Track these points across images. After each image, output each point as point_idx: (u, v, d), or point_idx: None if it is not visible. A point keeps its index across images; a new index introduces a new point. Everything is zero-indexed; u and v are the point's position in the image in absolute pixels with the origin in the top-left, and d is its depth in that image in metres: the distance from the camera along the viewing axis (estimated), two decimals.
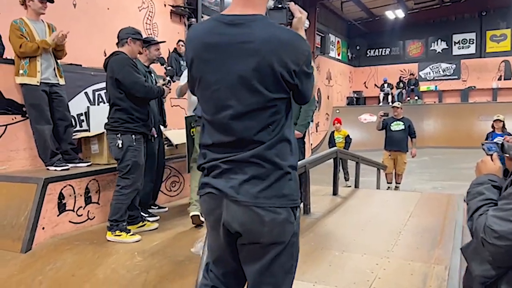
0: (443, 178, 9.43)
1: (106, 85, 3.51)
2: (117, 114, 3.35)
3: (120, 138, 3.32)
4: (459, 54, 18.95)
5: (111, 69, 3.34)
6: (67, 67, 4.44)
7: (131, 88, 3.32)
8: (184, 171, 5.01)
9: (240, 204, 1.42)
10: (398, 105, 7.01)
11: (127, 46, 3.46)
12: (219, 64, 1.43)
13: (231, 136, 1.44)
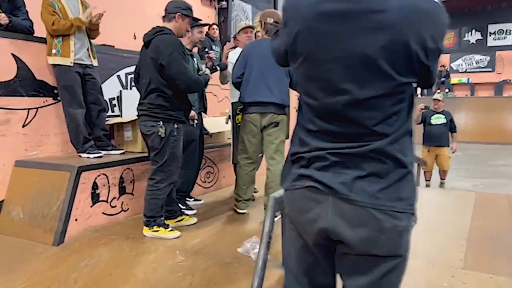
0: (481, 175, 8.93)
1: (140, 64, 3.17)
2: (159, 100, 3.00)
3: (162, 126, 2.99)
4: (494, 45, 18.14)
5: (156, 51, 2.96)
6: (99, 48, 4.17)
7: (176, 78, 2.95)
8: (218, 161, 4.74)
9: (353, 204, 1.13)
10: (439, 97, 6.56)
11: (174, 22, 3.09)
12: (337, 38, 1.11)
13: (345, 125, 1.15)
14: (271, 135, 3.67)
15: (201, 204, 4.08)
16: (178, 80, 2.96)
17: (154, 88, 3.01)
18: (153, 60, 2.97)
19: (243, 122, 3.68)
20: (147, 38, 3.06)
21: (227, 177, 4.87)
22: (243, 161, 3.71)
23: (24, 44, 3.58)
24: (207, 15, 8.25)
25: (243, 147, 3.71)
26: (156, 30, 3.05)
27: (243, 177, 3.70)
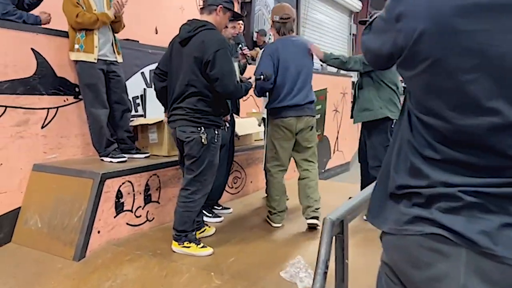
0: None
1: (170, 63, 2.83)
2: (201, 105, 2.69)
3: (204, 132, 2.68)
4: None
5: (200, 48, 2.62)
6: (123, 43, 3.90)
7: (218, 78, 2.62)
8: (246, 165, 4.44)
9: (499, 262, 0.82)
10: None
11: (214, 15, 2.77)
12: (484, 39, 0.79)
13: (484, 156, 0.84)
14: (307, 139, 3.40)
15: (230, 212, 3.79)
16: (220, 81, 2.64)
17: (195, 92, 2.70)
18: (196, 59, 2.64)
19: (273, 128, 3.39)
20: (185, 34, 2.72)
21: (254, 182, 4.58)
22: (275, 169, 3.42)
23: (44, 38, 3.30)
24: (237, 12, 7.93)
25: (273, 154, 3.42)
26: (197, 25, 2.71)
27: (275, 186, 3.40)
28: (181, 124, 2.75)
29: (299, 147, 3.43)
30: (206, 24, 2.72)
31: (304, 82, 3.34)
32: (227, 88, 2.67)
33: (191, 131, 2.70)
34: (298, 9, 10.22)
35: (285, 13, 3.30)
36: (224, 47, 2.63)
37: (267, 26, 8.80)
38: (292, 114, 3.30)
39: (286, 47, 3.30)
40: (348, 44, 13.93)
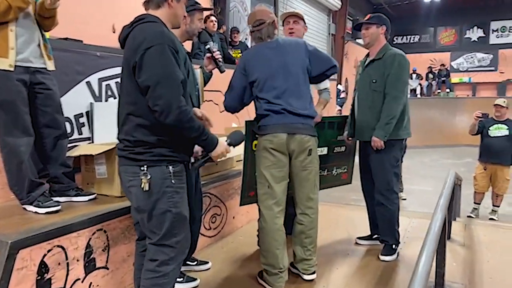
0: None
1: (122, 72, 1.94)
2: (139, 133, 1.82)
3: (147, 173, 1.82)
4: (497, 43, 17.30)
5: (131, 48, 1.80)
6: (59, 44, 2.93)
7: (152, 89, 1.76)
8: (227, 198, 3.51)
9: None
10: (503, 103, 5.28)
11: (166, 8, 1.92)
12: None
13: None
14: (305, 167, 2.58)
15: (208, 268, 2.86)
16: (152, 92, 1.75)
17: (132, 114, 1.84)
18: (128, 65, 1.82)
19: (261, 152, 2.57)
20: (122, 35, 1.94)
21: (238, 217, 3.66)
22: (271, 212, 2.55)
23: None
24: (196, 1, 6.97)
25: (267, 190, 2.54)
26: (133, 21, 1.90)
27: (275, 236, 2.51)
28: (122, 163, 1.91)
29: (294, 178, 2.61)
30: (146, 17, 1.88)
31: (296, 90, 2.57)
32: (163, 104, 1.74)
33: (132, 173, 1.86)
34: (276, 8, 9.38)
35: (257, 19, 2.62)
36: (160, 43, 1.76)
37: (243, 25, 7.91)
38: (282, 129, 2.50)
39: (263, 53, 2.61)
40: (328, 44, 13.21)
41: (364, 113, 3.08)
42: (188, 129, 1.82)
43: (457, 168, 10.22)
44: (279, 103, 2.51)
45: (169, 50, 1.78)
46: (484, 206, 5.57)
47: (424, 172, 9.24)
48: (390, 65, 2.95)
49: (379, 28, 3.07)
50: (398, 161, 3.09)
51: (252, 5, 8.43)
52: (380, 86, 2.98)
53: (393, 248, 3.08)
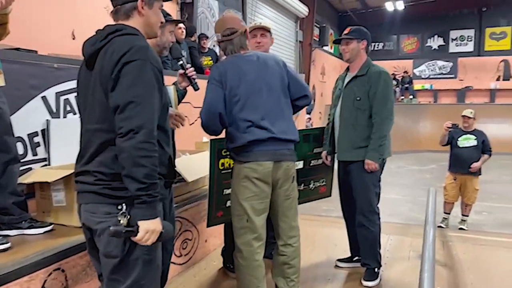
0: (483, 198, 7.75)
1: (80, 95, 1.68)
2: (117, 162, 1.47)
3: (126, 213, 1.50)
4: (456, 51, 17.89)
5: (108, 65, 1.49)
6: (10, 55, 2.62)
7: (122, 110, 1.44)
8: (199, 220, 3.29)
9: None
10: (470, 114, 5.30)
11: (136, 15, 1.61)
12: None
13: None
14: (289, 195, 2.38)
15: None
16: (122, 113, 1.44)
17: (106, 141, 1.53)
18: (102, 81, 1.50)
19: (240, 181, 2.30)
20: (89, 48, 1.58)
21: (210, 239, 3.44)
22: (250, 248, 2.32)
23: None
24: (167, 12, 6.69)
25: (245, 224, 2.30)
26: (108, 31, 1.56)
27: (255, 274, 2.30)
28: (87, 200, 1.58)
29: (277, 208, 2.39)
30: (124, 28, 1.57)
31: (280, 111, 2.35)
32: (132, 125, 1.42)
33: (105, 212, 1.53)
34: (244, 14, 9.22)
35: (228, 28, 2.35)
36: (142, 59, 1.49)
37: (211, 31, 7.68)
38: (268, 157, 2.26)
39: (242, 66, 2.32)
40: (295, 51, 13.18)
41: (346, 132, 2.94)
42: (139, 166, 1.41)
43: (422, 175, 10.46)
44: (265, 126, 2.26)
45: (151, 69, 1.50)
46: (453, 214, 5.61)
47: (391, 180, 9.28)
48: (375, 83, 2.83)
49: (360, 43, 2.96)
50: (380, 180, 2.99)
51: (220, 11, 8.22)
52: (364, 104, 2.86)
53: (375, 272, 2.96)
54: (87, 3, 5.05)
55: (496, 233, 5.10)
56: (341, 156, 3.01)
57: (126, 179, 1.44)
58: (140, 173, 1.42)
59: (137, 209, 1.46)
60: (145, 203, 1.44)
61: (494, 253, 3.60)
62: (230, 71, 2.31)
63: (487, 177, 8.81)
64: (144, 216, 1.46)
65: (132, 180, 1.42)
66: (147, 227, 1.46)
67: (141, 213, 1.46)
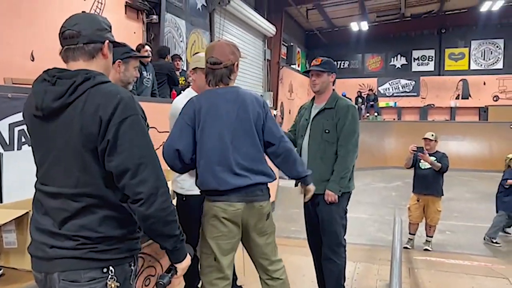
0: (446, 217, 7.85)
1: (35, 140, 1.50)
2: (108, 225, 1.42)
3: (113, 275, 1.42)
4: (418, 70, 18.63)
5: (95, 121, 1.36)
6: None
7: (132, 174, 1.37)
8: (162, 255, 3.15)
9: None
10: (431, 136, 5.40)
11: (101, 58, 1.50)
12: None
13: None
14: (264, 233, 2.29)
15: None
16: (137, 184, 1.37)
17: (92, 203, 1.41)
18: (87, 143, 1.37)
19: (208, 219, 2.21)
20: (50, 102, 1.38)
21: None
22: (216, 287, 2.22)
23: None
24: (133, 31, 6.59)
25: (212, 262, 2.21)
26: (74, 81, 1.38)
27: None
28: (67, 267, 1.40)
29: (254, 246, 2.31)
30: (89, 74, 1.41)
31: (253, 152, 2.24)
32: (148, 190, 1.37)
33: (90, 278, 1.40)
34: (212, 34, 9.23)
35: (212, 56, 2.23)
36: (135, 113, 1.40)
37: (178, 51, 7.62)
38: (240, 198, 2.18)
39: (219, 106, 2.20)
40: (263, 69, 13.29)
41: (315, 164, 2.89)
42: (170, 224, 1.43)
43: (388, 192, 10.65)
44: (239, 173, 2.15)
45: (143, 122, 1.43)
46: (418, 234, 5.70)
47: (359, 198, 9.39)
48: (344, 116, 2.85)
49: (330, 76, 2.96)
50: (346, 213, 2.98)
51: (188, 30, 8.18)
52: (333, 137, 2.86)
53: None
54: (47, 22, 4.89)
55: (459, 254, 5.23)
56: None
57: (158, 238, 1.47)
58: (173, 230, 1.46)
59: (173, 255, 1.54)
60: (181, 245, 1.52)
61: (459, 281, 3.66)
62: (206, 109, 2.18)
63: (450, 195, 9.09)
64: (180, 259, 1.55)
65: (167, 238, 1.47)
66: (184, 266, 1.58)
67: (176, 258, 1.55)
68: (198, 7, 8.83)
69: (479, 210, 8.03)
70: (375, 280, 3.58)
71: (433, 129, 13.05)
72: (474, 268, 4.16)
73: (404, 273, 3.83)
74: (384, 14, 17.08)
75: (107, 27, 1.53)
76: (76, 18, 1.47)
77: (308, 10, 15.54)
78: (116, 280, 1.41)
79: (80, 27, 1.44)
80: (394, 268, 2.35)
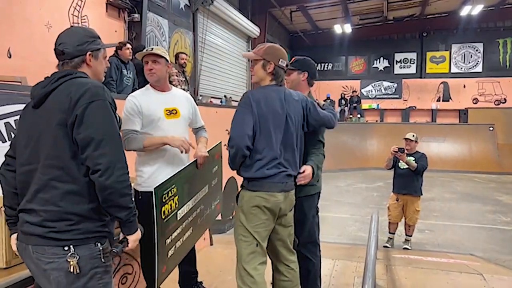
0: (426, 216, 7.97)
1: (20, 138, 1.74)
2: (68, 200, 1.59)
3: (75, 254, 1.59)
4: (400, 73, 18.87)
5: (67, 103, 1.60)
6: None
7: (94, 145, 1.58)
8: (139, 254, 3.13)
9: None
10: (412, 137, 5.50)
11: (85, 68, 1.77)
12: None
13: None
14: (290, 223, 2.54)
15: None
16: (94, 148, 1.58)
17: (53, 178, 1.60)
18: (60, 121, 1.60)
19: (250, 209, 2.38)
20: (40, 90, 1.68)
21: None
22: (259, 272, 2.38)
23: None
24: (114, 30, 6.53)
25: (255, 248, 2.38)
26: (58, 75, 1.69)
27: None
28: (35, 242, 1.61)
29: (277, 235, 2.50)
30: (73, 72, 1.71)
31: (292, 146, 2.49)
32: (107, 162, 1.57)
33: (51, 255, 1.59)
34: (195, 35, 9.20)
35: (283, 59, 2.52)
36: (103, 99, 1.64)
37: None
38: (279, 189, 2.39)
39: (274, 99, 2.43)
40: (247, 70, 13.30)
41: None
42: (125, 196, 1.62)
43: (370, 193, 10.78)
44: (281, 163, 2.38)
45: (110, 107, 1.65)
46: (398, 234, 5.78)
47: (341, 199, 9.50)
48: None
49: (300, 75, 2.93)
50: (318, 212, 3.00)
51: (170, 30, 8.14)
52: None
53: None
54: (25, 19, 4.82)
55: (437, 252, 5.32)
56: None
57: (114, 208, 1.62)
58: (127, 201, 1.62)
59: (125, 227, 1.69)
60: (133, 218, 1.68)
61: (434, 277, 3.73)
62: (262, 102, 2.37)
63: (429, 195, 9.27)
64: (131, 231, 1.72)
65: (121, 209, 1.63)
66: (135, 238, 1.74)
67: (128, 230, 1.71)
68: (181, 7, 8.79)
69: (458, 210, 8.20)
70: (352, 277, 3.62)
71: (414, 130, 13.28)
72: (450, 265, 4.23)
73: (382, 270, 3.88)
74: (367, 17, 17.28)
75: (89, 38, 1.76)
76: (61, 37, 1.73)
77: (292, 12, 15.62)
78: (78, 258, 1.58)
79: (63, 46, 1.71)
80: (369, 263, 2.39)
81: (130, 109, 2.57)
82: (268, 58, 2.45)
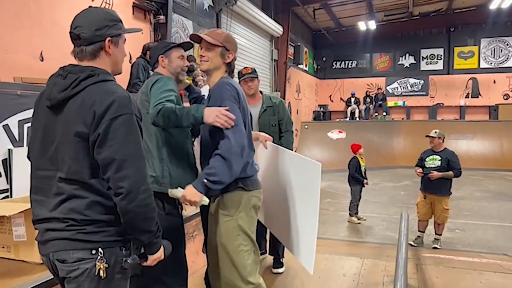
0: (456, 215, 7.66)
1: (37, 140, 1.58)
2: (95, 210, 1.48)
3: (103, 257, 1.47)
4: (427, 69, 18.44)
5: (88, 116, 1.45)
6: None
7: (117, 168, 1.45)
8: None
9: None
10: (434, 133, 5.36)
11: (103, 56, 1.56)
12: None
13: None
14: None
15: None
16: (116, 171, 1.43)
17: (79, 188, 1.48)
18: (80, 135, 1.45)
19: (248, 211, 2.17)
20: (57, 94, 1.49)
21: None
22: (260, 279, 2.21)
23: None
24: (141, 32, 6.63)
25: (254, 258, 2.19)
26: (78, 76, 1.49)
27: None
28: (58, 247, 1.48)
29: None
30: (94, 71, 1.51)
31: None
32: (129, 186, 1.44)
33: (78, 259, 1.46)
34: None
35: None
36: (128, 112, 1.47)
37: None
38: (260, 185, 2.30)
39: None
40: (271, 69, 13.30)
41: None
42: (148, 220, 1.50)
43: (397, 192, 10.59)
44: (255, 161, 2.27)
45: (136, 122, 1.50)
46: (427, 233, 5.66)
47: (367, 198, 9.37)
48: (282, 110, 3.59)
49: (258, 81, 3.52)
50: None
51: (195, 31, 8.22)
52: (277, 128, 3.56)
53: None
54: (55, 23, 4.96)
55: (468, 252, 5.18)
56: None
57: (135, 232, 1.52)
58: (151, 225, 1.52)
59: (147, 247, 1.57)
60: (156, 240, 1.57)
61: (467, 277, 3.63)
62: (242, 96, 2.19)
63: (459, 194, 9.01)
64: (152, 252, 1.59)
65: (144, 233, 1.52)
66: (155, 258, 1.61)
67: (149, 250, 1.59)
68: (205, 8, 8.87)
69: (490, 209, 7.96)
70: (382, 276, 3.57)
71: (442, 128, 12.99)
72: (483, 264, 4.11)
73: (412, 269, 3.81)
74: (392, 13, 16.96)
75: (110, 22, 1.56)
76: (77, 19, 1.54)
77: (315, 10, 15.50)
78: (106, 262, 1.47)
79: (80, 30, 1.51)
80: (400, 261, 2.34)
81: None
82: (228, 46, 2.19)
